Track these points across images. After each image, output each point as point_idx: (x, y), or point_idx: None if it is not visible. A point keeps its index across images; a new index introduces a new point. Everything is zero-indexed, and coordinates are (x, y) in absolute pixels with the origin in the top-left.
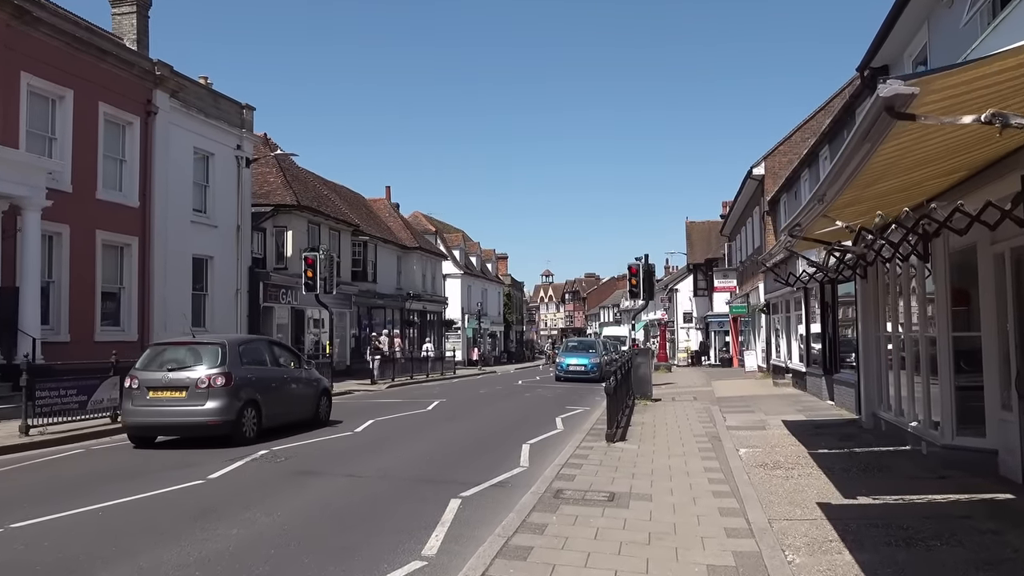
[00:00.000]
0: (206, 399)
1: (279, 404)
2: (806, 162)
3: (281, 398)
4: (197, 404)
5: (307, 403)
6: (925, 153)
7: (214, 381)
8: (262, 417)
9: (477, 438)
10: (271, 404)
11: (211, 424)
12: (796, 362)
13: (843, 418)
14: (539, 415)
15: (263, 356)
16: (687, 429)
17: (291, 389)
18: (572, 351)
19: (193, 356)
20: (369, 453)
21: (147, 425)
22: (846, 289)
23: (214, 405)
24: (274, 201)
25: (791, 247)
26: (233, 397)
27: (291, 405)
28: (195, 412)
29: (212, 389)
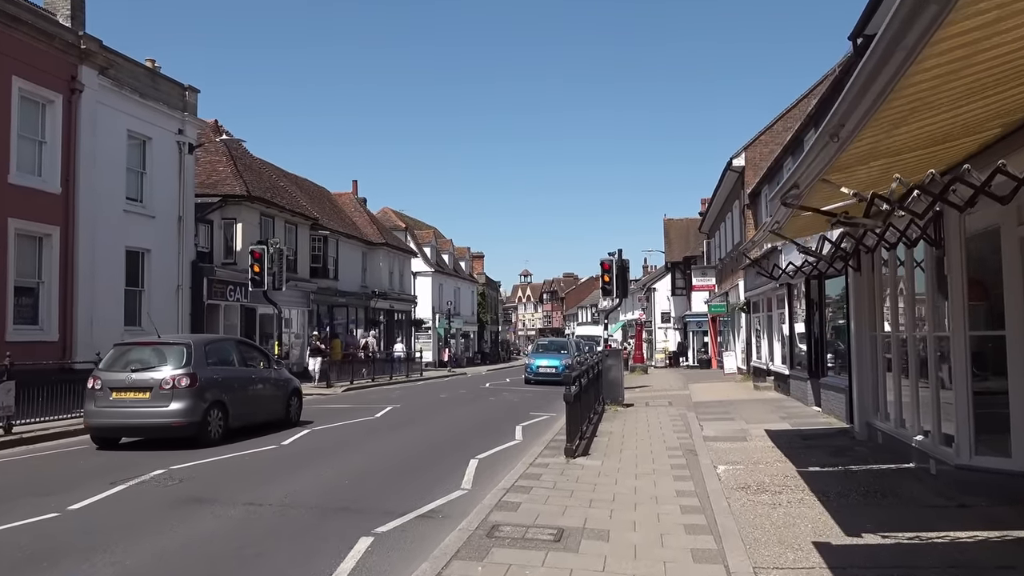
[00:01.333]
0: (170, 400)
1: (247, 405)
2: (789, 149)
3: (249, 399)
4: (161, 405)
5: (276, 404)
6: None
7: (179, 382)
8: (229, 418)
9: (420, 452)
10: (238, 405)
11: (175, 425)
12: (779, 364)
13: (832, 427)
14: (499, 422)
15: (230, 356)
16: (659, 440)
17: (259, 390)
18: (543, 352)
19: (158, 356)
20: (287, 472)
21: (110, 427)
22: (834, 286)
23: (178, 406)
24: (222, 191)
25: (779, 230)
26: (198, 398)
27: (259, 406)
28: (159, 413)
29: (176, 390)
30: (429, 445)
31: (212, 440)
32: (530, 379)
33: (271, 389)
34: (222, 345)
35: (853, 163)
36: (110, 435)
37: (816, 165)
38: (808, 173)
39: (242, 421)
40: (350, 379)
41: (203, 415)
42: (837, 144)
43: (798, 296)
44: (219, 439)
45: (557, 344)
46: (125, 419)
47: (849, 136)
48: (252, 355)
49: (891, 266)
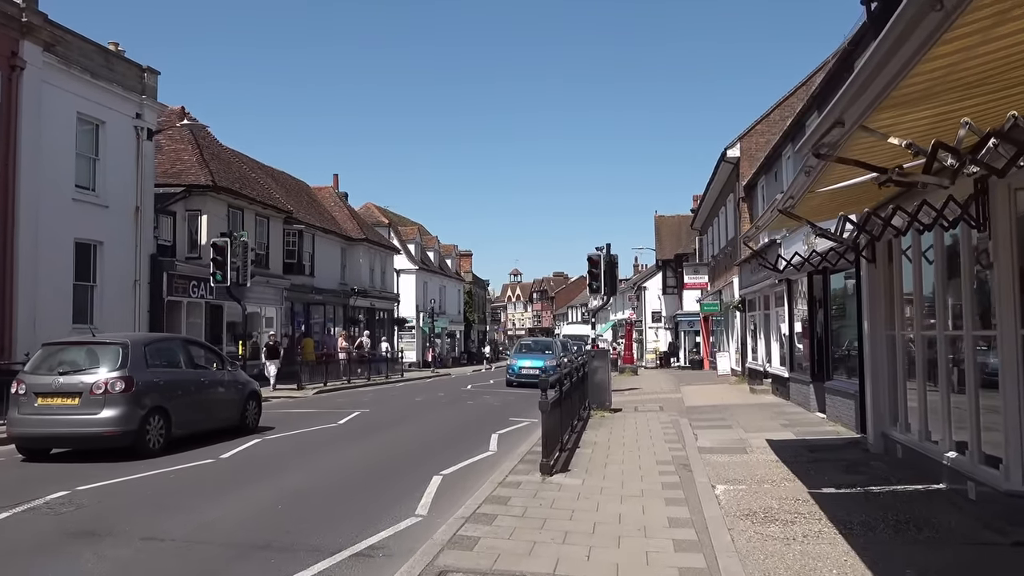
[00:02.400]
0: (102, 407)
1: (194, 410)
2: (789, 135)
3: (197, 404)
4: (91, 412)
5: (231, 408)
6: None
7: (112, 386)
8: (171, 426)
9: (377, 467)
10: (183, 411)
11: (108, 435)
12: (776, 366)
13: (841, 437)
14: (474, 430)
15: (176, 357)
16: (649, 452)
17: (210, 394)
18: (526, 352)
19: (90, 358)
20: (214, 493)
21: (34, 436)
22: (838, 282)
23: (111, 414)
24: (186, 181)
25: (791, 208)
26: (135, 404)
27: (210, 411)
28: (89, 422)
29: (109, 395)
30: (390, 458)
31: (151, 451)
32: (512, 381)
33: (224, 393)
34: (167, 345)
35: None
36: (35, 445)
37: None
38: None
39: (188, 429)
40: (323, 381)
41: (140, 423)
42: None
43: (799, 293)
44: (160, 449)
45: (541, 344)
46: (51, 428)
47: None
48: (203, 356)
49: (916, 254)
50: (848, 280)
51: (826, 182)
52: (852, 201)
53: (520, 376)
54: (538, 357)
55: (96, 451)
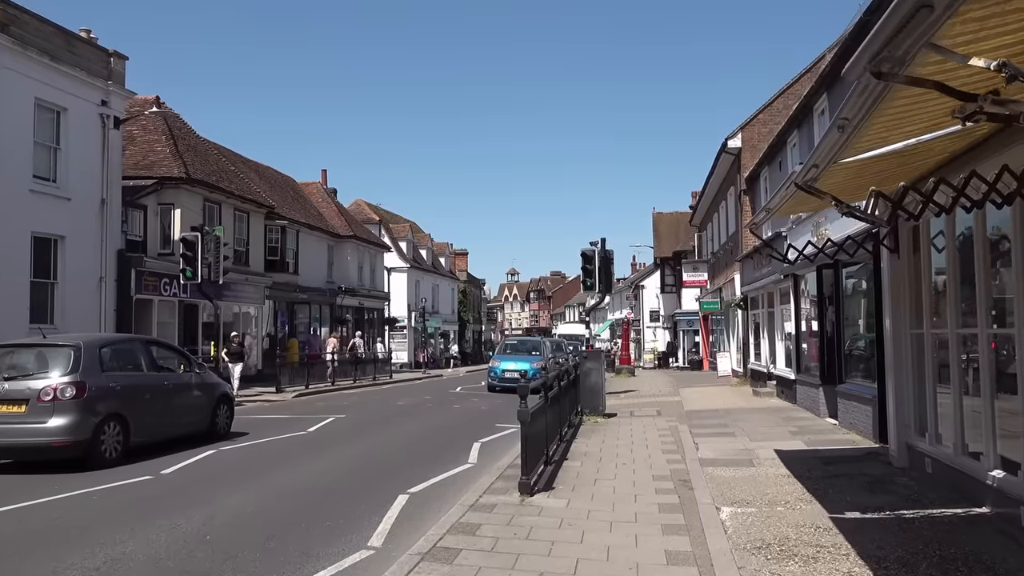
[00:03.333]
0: (51, 414)
1: (156, 416)
2: (796, 121)
3: (159, 409)
4: (39, 421)
5: (198, 413)
6: None
7: (61, 392)
8: (130, 433)
9: (337, 483)
10: (143, 417)
11: (57, 445)
12: (782, 367)
13: (858, 447)
14: (455, 438)
15: (137, 359)
16: (644, 465)
17: (174, 398)
18: (511, 354)
19: (39, 362)
20: (128, 523)
21: None
22: (852, 277)
23: (61, 422)
24: (159, 173)
25: (812, 182)
26: (87, 411)
27: (174, 417)
28: (36, 431)
29: (59, 402)
30: (354, 472)
31: (107, 461)
32: (494, 386)
33: (191, 397)
34: (126, 347)
35: None
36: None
37: None
38: None
39: (149, 436)
40: (305, 383)
41: (94, 432)
42: None
43: (804, 292)
44: (116, 459)
45: (529, 344)
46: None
47: None
48: (167, 357)
49: (949, 241)
50: (864, 274)
51: (859, 146)
52: (882, 177)
53: (503, 380)
54: (524, 359)
55: (46, 462)
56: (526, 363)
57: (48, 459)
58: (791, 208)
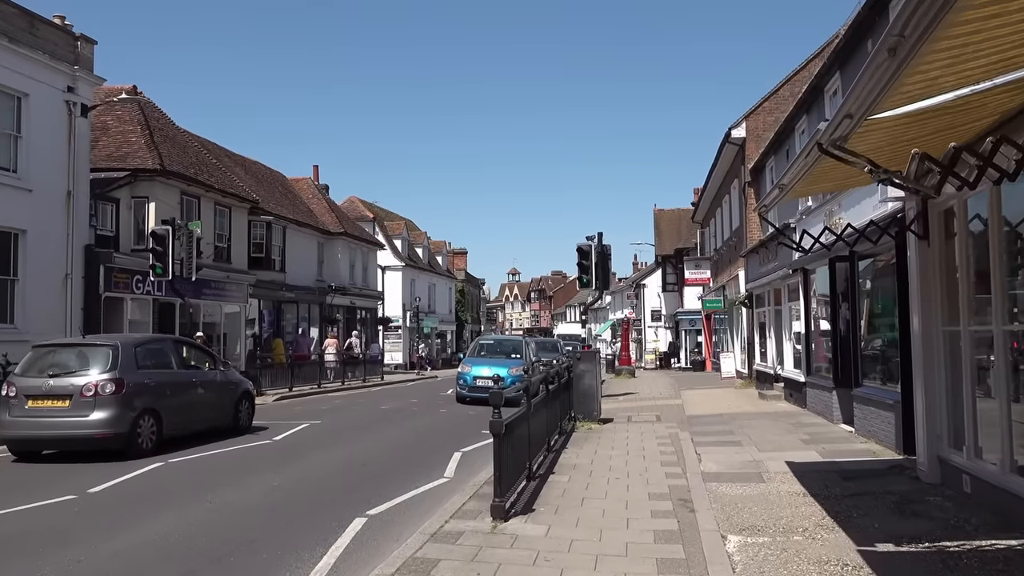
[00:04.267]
0: (92, 409)
1: (185, 411)
2: (805, 105)
3: (188, 405)
4: (82, 415)
5: (222, 409)
6: None
7: (102, 388)
8: (162, 427)
9: (283, 507)
10: (174, 412)
11: (98, 437)
12: (790, 368)
13: (879, 459)
14: (434, 447)
15: (168, 358)
16: (640, 481)
17: (201, 394)
18: (485, 356)
19: (80, 360)
20: (41, 550)
21: (25, 439)
22: (868, 270)
23: (102, 416)
24: (133, 164)
25: (841, 141)
26: (125, 406)
27: (201, 412)
28: (80, 424)
29: (100, 397)
30: (312, 488)
31: (143, 451)
32: (464, 397)
33: (216, 393)
34: (157, 346)
35: None
36: (26, 448)
37: None
38: None
39: (180, 430)
40: (288, 385)
41: (131, 425)
42: None
43: (816, 286)
44: (151, 450)
45: (508, 345)
46: (42, 430)
47: None
48: (195, 356)
49: (993, 221)
50: (884, 265)
51: (906, 89)
52: (920, 144)
53: (475, 390)
54: (500, 363)
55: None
56: (503, 368)
57: (90, 449)
58: (807, 186)
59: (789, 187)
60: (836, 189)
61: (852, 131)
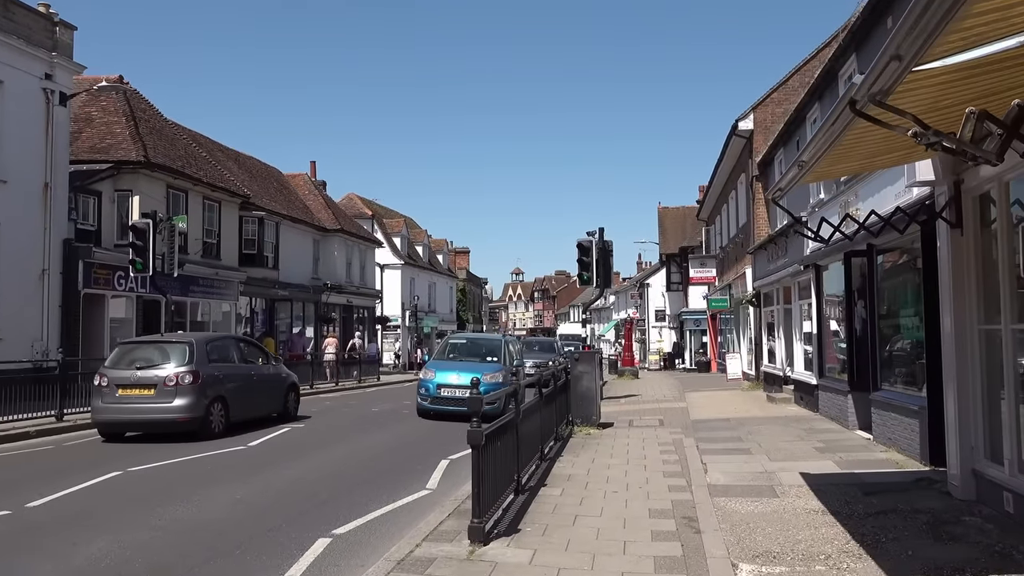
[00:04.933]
0: (174, 396)
1: (246, 400)
2: (817, 92)
3: (248, 394)
4: (165, 401)
5: (275, 398)
6: None
7: (182, 379)
8: (229, 412)
9: (251, 517)
10: (238, 400)
11: (179, 420)
12: (800, 370)
13: (903, 471)
14: (422, 454)
15: (231, 353)
16: (640, 495)
17: (258, 385)
18: (453, 359)
19: (161, 354)
20: None
21: (116, 422)
22: (888, 265)
23: (182, 402)
24: (116, 156)
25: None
26: (200, 394)
27: (259, 400)
28: (163, 409)
29: (180, 387)
30: (278, 501)
31: (214, 434)
32: (427, 410)
33: (270, 384)
34: (223, 343)
35: None
36: (116, 430)
37: None
38: None
39: (242, 415)
40: None
41: (205, 410)
42: None
43: (829, 283)
44: (221, 432)
45: (482, 346)
46: (131, 415)
47: None
48: (251, 352)
49: None
50: (903, 258)
51: (968, 25)
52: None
53: (440, 401)
54: (472, 367)
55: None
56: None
57: (171, 431)
58: (830, 165)
59: (810, 165)
60: (859, 170)
61: (899, 80)
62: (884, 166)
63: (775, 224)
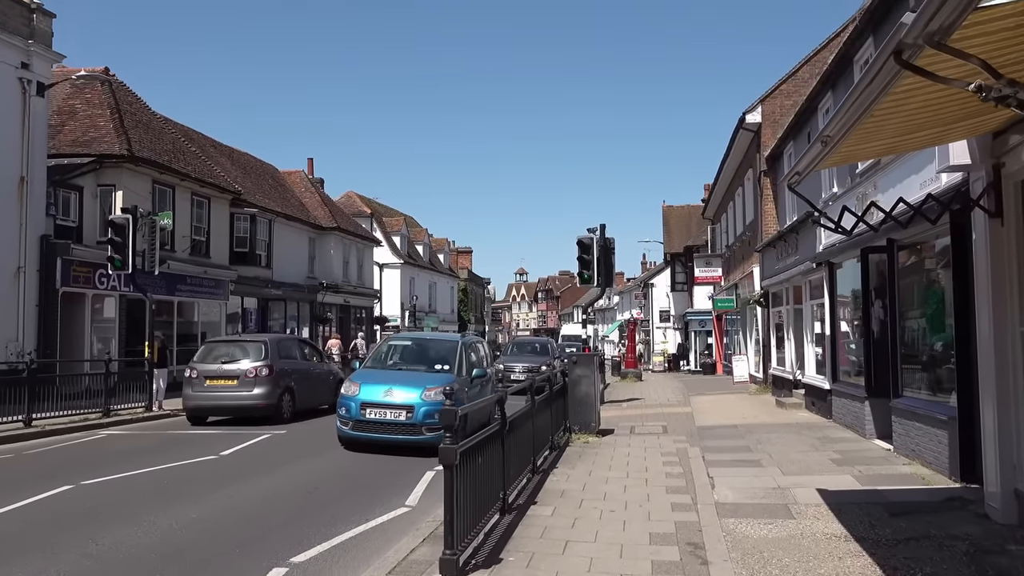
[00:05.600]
0: (253, 386)
1: (308, 391)
2: (830, 80)
3: (309, 386)
4: (246, 390)
5: (327, 392)
6: None
7: (260, 372)
8: (295, 401)
9: (203, 540)
10: (302, 391)
11: (258, 406)
12: (812, 374)
13: (931, 487)
14: (405, 465)
15: (294, 352)
16: (639, 517)
17: (316, 379)
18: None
19: (241, 351)
20: None
21: (204, 407)
22: (911, 261)
23: (260, 391)
24: (99, 150)
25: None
26: (275, 384)
27: (316, 392)
28: (245, 397)
29: (258, 378)
30: (240, 520)
31: (284, 419)
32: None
33: (324, 379)
34: (288, 343)
35: None
36: (204, 414)
37: None
38: None
39: (304, 404)
40: None
41: (278, 398)
42: None
43: (842, 281)
44: (289, 418)
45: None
46: (217, 401)
47: None
48: (310, 352)
49: None
50: (929, 253)
51: None
52: None
53: (364, 427)
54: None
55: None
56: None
57: (250, 416)
58: (857, 144)
59: (836, 140)
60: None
61: (969, 7)
62: (915, 147)
63: (784, 220)
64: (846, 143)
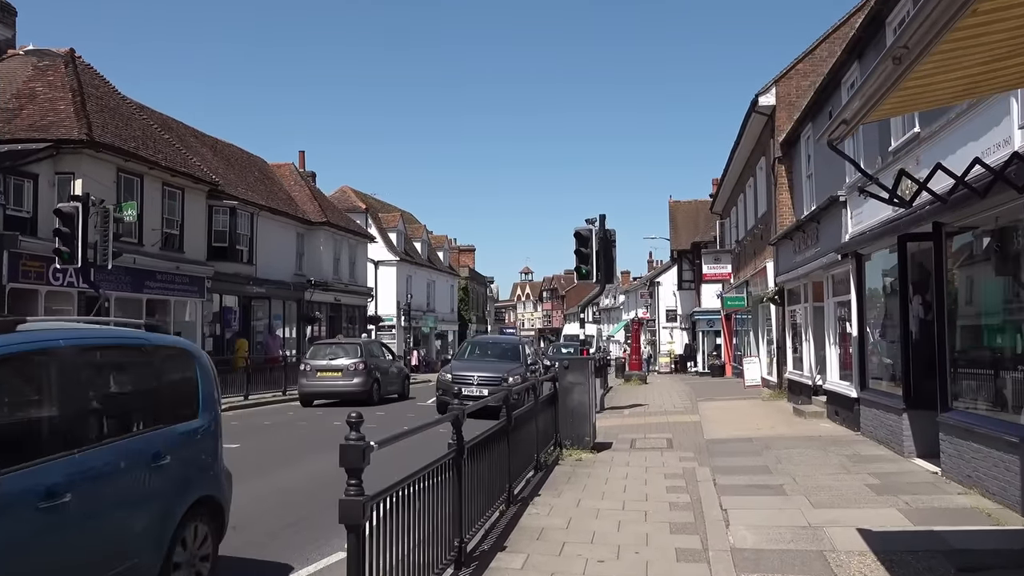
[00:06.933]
0: (353, 376)
1: (387, 382)
2: (857, 49)
3: (388, 379)
4: (349, 380)
5: (399, 383)
6: None
7: (357, 366)
8: (381, 390)
9: None
10: (384, 382)
11: (358, 392)
12: (835, 379)
13: (1001, 528)
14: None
15: (376, 351)
16: (635, 571)
17: (392, 373)
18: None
19: (343, 350)
20: None
21: (315, 392)
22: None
23: (359, 380)
24: (56, 135)
25: None
26: (368, 376)
27: (392, 383)
28: (348, 385)
29: (357, 371)
30: None
31: (375, 402)
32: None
33: (396, 374)
34: (374, 345)
35: None
36: (314, 399)
37: None
38: None
39: (386, 393)
40: (244, 393)
41: (371, 387)
42: None
43: (859, 279)
44: (378, 402)
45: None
46: (326, 388)
47: None
48: (385, 351)
49: None
50: (985, 239)
51: None
52: None
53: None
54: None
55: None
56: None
57: (352, 399)
58: (929, 77)
59: (916, 54)
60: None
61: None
62: (997, 89)
63: (802, 210)
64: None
